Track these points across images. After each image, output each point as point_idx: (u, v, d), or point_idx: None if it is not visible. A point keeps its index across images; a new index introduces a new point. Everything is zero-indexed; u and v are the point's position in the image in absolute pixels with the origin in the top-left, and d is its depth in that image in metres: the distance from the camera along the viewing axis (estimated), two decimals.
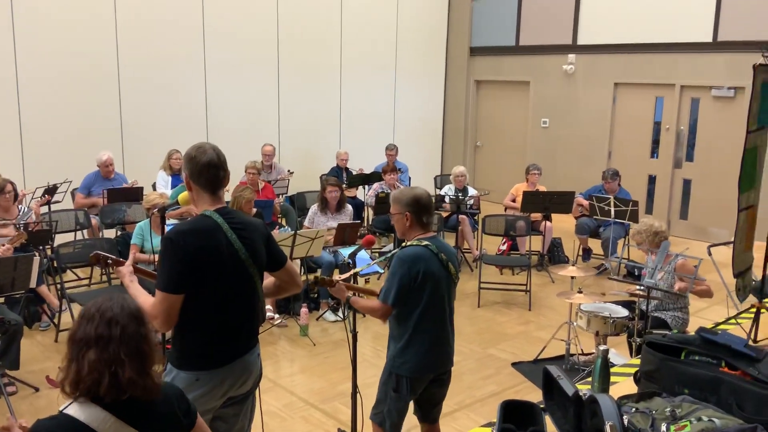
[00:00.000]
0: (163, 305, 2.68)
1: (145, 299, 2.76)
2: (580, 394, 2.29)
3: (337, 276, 3.67)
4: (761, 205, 4.66)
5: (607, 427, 2.03)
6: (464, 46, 12.59)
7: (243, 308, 2.88)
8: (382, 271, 6.57)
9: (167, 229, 3.11)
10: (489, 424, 3.04)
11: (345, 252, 6.49)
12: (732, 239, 4.49)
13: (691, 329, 4.78)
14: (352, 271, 3.76)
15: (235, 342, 2.86)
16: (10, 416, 2.25)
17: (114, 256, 3.14)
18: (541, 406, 2.53)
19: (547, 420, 2.49)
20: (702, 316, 6.39)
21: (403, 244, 3.50)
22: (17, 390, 4.98)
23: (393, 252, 3.52)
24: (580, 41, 11.08)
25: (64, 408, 1.93)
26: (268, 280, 3.08)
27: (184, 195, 3.10)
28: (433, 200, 3.68)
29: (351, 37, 11.15)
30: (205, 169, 2.80)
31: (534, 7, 11.66)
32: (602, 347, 2.93)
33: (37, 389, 5.02)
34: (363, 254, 5.08)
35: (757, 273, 4.77)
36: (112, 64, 8.73)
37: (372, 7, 11.41)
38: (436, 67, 12.74)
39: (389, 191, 8.29)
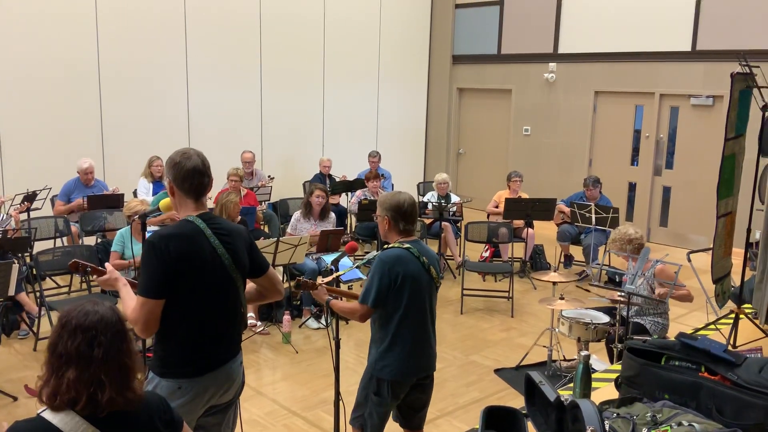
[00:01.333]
0: (143, 310, 2.65)
1: (131, 304, 2.73)
2: (562, 399, 2.30)
3: (319, 281, 3.67)
4: (739, 211, 4.71)
5: None
6: (447, 54, 12.65)
7: (225, 315, 2.86)
8: (364, 277, 6.56)
9: (148, 236, 3.09)
10: (472, 431, 3.04)
11: (328, 259, 6.48)
12: (711, 246, 4.53)
13: (671, 335, 4.81)
14: (333, 275, 3.76)
15: (217, 349, 2.84)
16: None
17: (93, 264, 3.11)
18: (523, 412, 2.54)
19: (529, 426, 2.49)
20: (682, 321, 6.45)
21: (385, 246, 3.51)
22: None
23: (374, 255, 3.52)
24: (561, 50, 11.18)
25: (42, 411, 1.92)
26: (249, 286, 3.06)
27: (165, 202, 3.08)
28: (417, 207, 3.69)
29: (334, 44, 11.16)
30: (189, 175, 2.77)
31: (516, 16, 11.75)
32: (584, 353, 2.95)
33: (15, 398, 4.95)
34: (346, 261, 5.07)
35: (735, 279, 4.83)
36: (93, 70, 8.67)
37: (355, 15, 11.43)
38: (418, 74, 12.78)
39: (372, 198, 8.30)
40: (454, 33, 12.59)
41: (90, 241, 7.44)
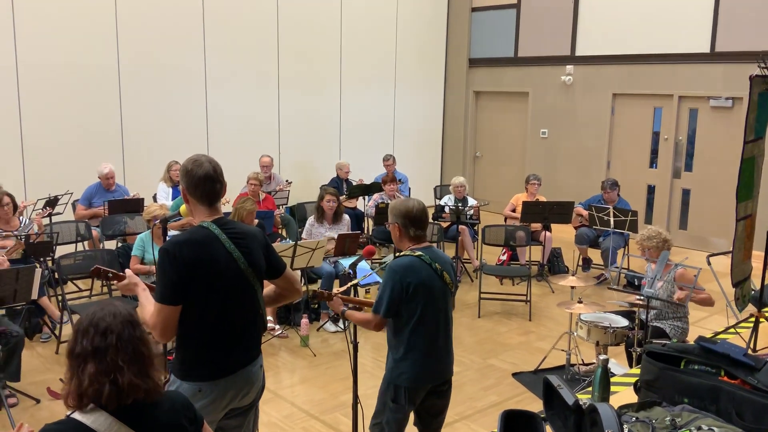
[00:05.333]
0: (160, 316, 2.70)
1: (150, 308, 2.78)
2: (581, 403, 2.30)
3: (336, 287, 3.68)
4: (759, 214, 4.67)
5: None
6: (463, 57, 12.66)
7: (243, 318, 2.89)
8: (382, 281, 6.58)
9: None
10: None
11: (345, 262, 6.51)
12: (731, 249, 4.50)
13: (691, 339, 4.78)
14: (350, 284, 3.76)
15: (236, 352, 2.87)
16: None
17: (114, 270, 3.16)
18: (542, 416, 2.54)
19: (548, 430, 2.49)
20: (701, 325, 6.40)
21: (396, 254, 3.50)
22: (18, 402, 4.97)
23: (391, 258, 3.52)
24: (579, 52, 11.14)
25: (72, 413, 1.97)
26: (268, 287, 3.08)
27: (185, 206, 3.12)
28: (431, 211, 3.70)
29: (350, 47, 11.21)
30: (201, 183, 2.81)
31: (532, 19, 11.73)
32: (602, 357, 2.94)
33: (38, 401, 5.01)
34: (363, 265, 5.09)
35: (755, 282, 4.79)
36: (113, 76, 8.78)
37: (371, 19, 11.48)
38: (435, 78, 12.80)
39: (389, 202, 8.31)
40: (470, 36, 12.60)
41: (111, 245, 7.52)
